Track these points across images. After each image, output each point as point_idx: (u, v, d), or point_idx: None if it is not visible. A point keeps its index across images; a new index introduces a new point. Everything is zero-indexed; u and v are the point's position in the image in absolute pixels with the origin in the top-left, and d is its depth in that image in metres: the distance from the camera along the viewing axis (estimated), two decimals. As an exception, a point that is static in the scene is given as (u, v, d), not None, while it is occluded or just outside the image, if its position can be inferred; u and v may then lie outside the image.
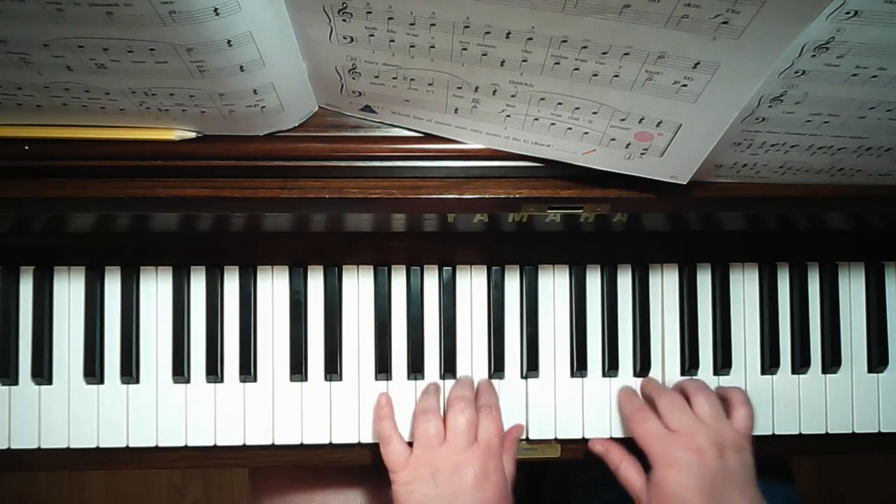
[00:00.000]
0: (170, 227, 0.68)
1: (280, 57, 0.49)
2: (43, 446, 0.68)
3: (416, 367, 0.70)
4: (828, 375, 0.73)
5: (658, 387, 0.68)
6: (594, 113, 0.51)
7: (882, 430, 0.72)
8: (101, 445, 0.68)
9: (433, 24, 0.45)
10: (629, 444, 0.67)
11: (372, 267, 0.71)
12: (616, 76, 0.47)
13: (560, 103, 0.51)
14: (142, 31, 0.44)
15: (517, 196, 0.59)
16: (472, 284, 0.71)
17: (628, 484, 0.64)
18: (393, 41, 0.48)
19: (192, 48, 0.45)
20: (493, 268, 0.71)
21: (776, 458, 0.79)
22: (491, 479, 0.61)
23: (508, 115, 0.53)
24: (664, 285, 0.72)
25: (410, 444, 0.65)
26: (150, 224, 0.67)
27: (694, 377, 0.71)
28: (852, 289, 0.74)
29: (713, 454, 0.60)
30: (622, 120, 0.51)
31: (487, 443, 0.63)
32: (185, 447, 0.69)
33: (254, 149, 0.57)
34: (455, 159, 0.59)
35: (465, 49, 0.47)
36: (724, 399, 0.66)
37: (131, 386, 0.69)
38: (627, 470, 0.64)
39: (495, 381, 0.71)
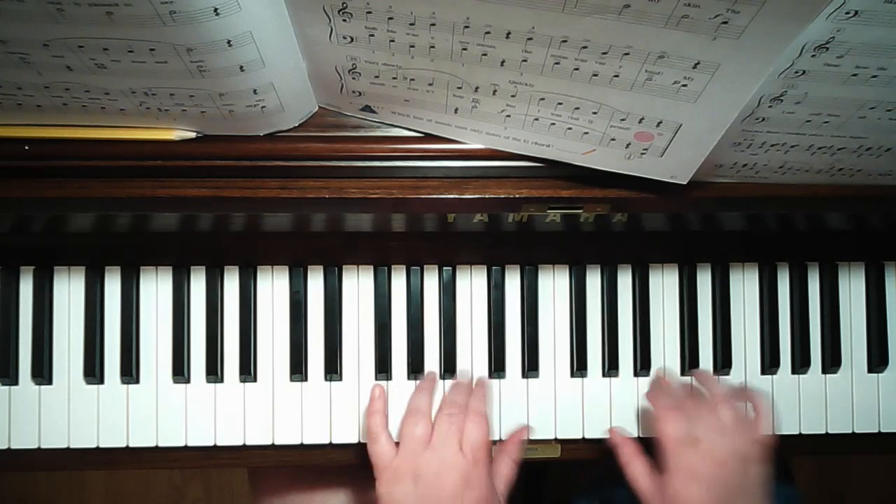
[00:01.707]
0: (170, 227, 0.68)
1: (280, 57, 0.49)
2: (43, 446, 0.68)
3: (416, 368, 0.70)
4: (828, 375, 0.73)
5: (689, 391, 0.67)
6: (594, 113, 0.51)
7: (882, 430, 0.72)
8: (101, 445, 0.68)
9: (433, 24, 0.45)
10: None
11: (372, 267, 0.71)
12: (616, 76, 0.47)
13: (560, 103, 0.51)
14: (142, 31, 0.44)
15: (517, 196, 0.59)
16: (472, 284, 0.71)
17: (637, 483, 0.63)
18: (393, 41, 0.48)
19: (192, 48, 0.45)
20: (493, 268, 0.71)
21: (776, 458, 0.79)
22: (473, 490, 0.60)
23: (508, 115, 0.53)
24: (664, 285, 0.72)
25: (398, 443, 0.64)
26: (150, 224, 0.67)
27: (714, 382, 0.69)
28: (852, 289, 0.74)
29: (736, 468, 0.59)
30: (622, 120, 0.51)
31: (473, 453, 0.61)
32: (185, 447, 0.69)
33: (254, 149, 0.57)
34: (455, 159, 0.59)
35: (465, 49, 0.47)
36: (745, 398, 0.66)
37: (131, 386, 0.69)
38: (638, 469, 0.64)
39: (495, 381, 0.71)
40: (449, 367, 0.70)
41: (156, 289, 0.69)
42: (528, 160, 0.58)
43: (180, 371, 0.68)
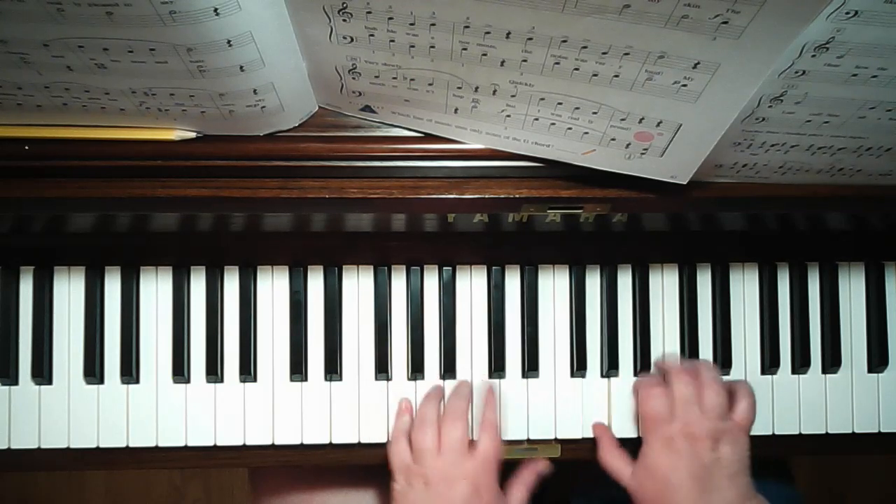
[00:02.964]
0: (170, 227, 0.68)
1: (280, 57, 0.49)
2: (43, 446, 0.68)
3: (416, 367, 0.70)
4: (828, 375, 0.73)
5: (675, 369, 0.67)
6: (594, 113, 0.51)
7: (882, 430, 0.72)
8: (101, 445, 0.68)
9: (433, 24, 0.45)
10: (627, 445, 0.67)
11: (372, 267, 0.71)
12: (616, 76, 0.47)
13: (560, 103, 0.51)
14: (142, 31, 0.44)
15: (517, 196, 0.59)
16: (472, 284, 0.71)
17: (615, 471, 0.66)
18: (393, 41, 0.48)
19: (192, 48, 0.45)
20: (493, 268, 0.71)
21: (776, 458, 0.79)
22: (482, 496, 0.62)
23: (508, 115, 0.53)
24: (664, 285, 0.72)
25: None
26: (150, 224, 0.67)
27: (707, 366, 0.69)
28: (852, 289, 0.74)
29: (707, 446, 0.62)
30: (622, 120, 0.51)
31: (484, 456, 0.64)
32: (185, 447, 0.68)
33: (254, 149, 0.57)
34: (455, 159, 0.59)
35: (465, 49, 0.47)
36: (729, 391, 0.66)
37: (131, 386, 0.69)
38: (615, 459, 0.66)
39: (495, 381, 0.71)
40: (449, 367, 0.70)
41: (156, 289, 0.69)
42: (528, 160, 0.58)
43: (180, 371, 0.68)
